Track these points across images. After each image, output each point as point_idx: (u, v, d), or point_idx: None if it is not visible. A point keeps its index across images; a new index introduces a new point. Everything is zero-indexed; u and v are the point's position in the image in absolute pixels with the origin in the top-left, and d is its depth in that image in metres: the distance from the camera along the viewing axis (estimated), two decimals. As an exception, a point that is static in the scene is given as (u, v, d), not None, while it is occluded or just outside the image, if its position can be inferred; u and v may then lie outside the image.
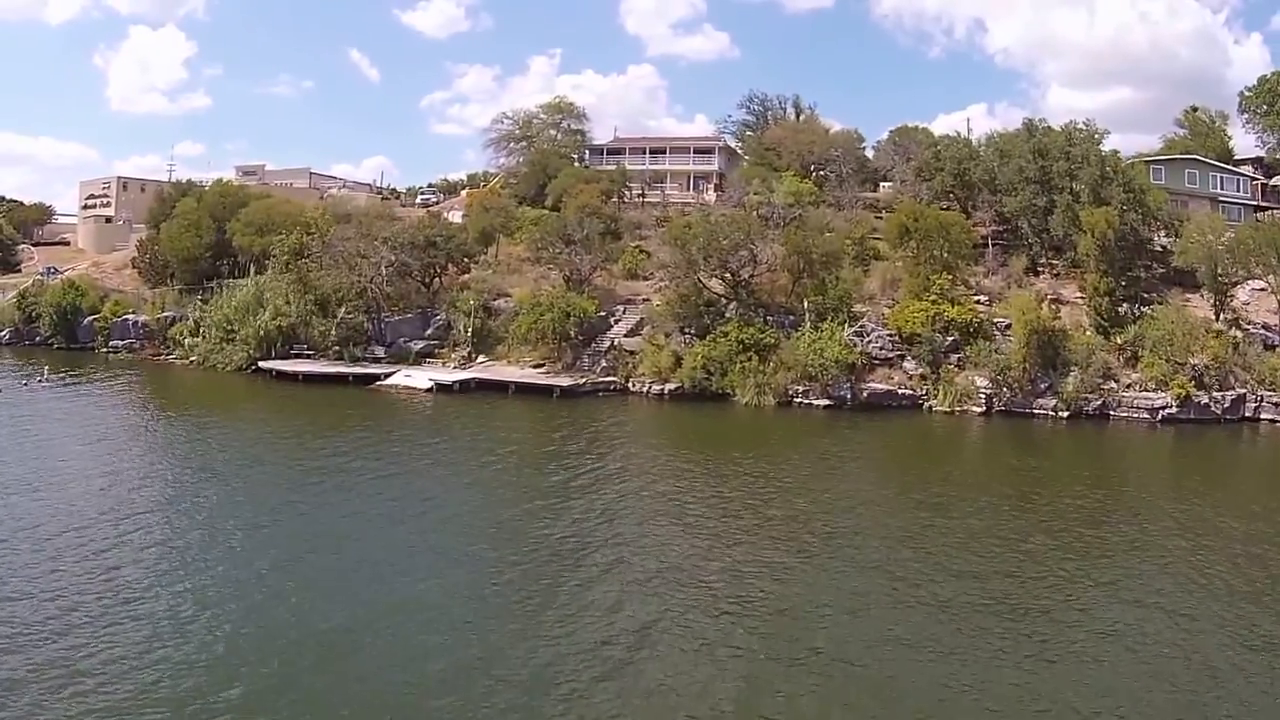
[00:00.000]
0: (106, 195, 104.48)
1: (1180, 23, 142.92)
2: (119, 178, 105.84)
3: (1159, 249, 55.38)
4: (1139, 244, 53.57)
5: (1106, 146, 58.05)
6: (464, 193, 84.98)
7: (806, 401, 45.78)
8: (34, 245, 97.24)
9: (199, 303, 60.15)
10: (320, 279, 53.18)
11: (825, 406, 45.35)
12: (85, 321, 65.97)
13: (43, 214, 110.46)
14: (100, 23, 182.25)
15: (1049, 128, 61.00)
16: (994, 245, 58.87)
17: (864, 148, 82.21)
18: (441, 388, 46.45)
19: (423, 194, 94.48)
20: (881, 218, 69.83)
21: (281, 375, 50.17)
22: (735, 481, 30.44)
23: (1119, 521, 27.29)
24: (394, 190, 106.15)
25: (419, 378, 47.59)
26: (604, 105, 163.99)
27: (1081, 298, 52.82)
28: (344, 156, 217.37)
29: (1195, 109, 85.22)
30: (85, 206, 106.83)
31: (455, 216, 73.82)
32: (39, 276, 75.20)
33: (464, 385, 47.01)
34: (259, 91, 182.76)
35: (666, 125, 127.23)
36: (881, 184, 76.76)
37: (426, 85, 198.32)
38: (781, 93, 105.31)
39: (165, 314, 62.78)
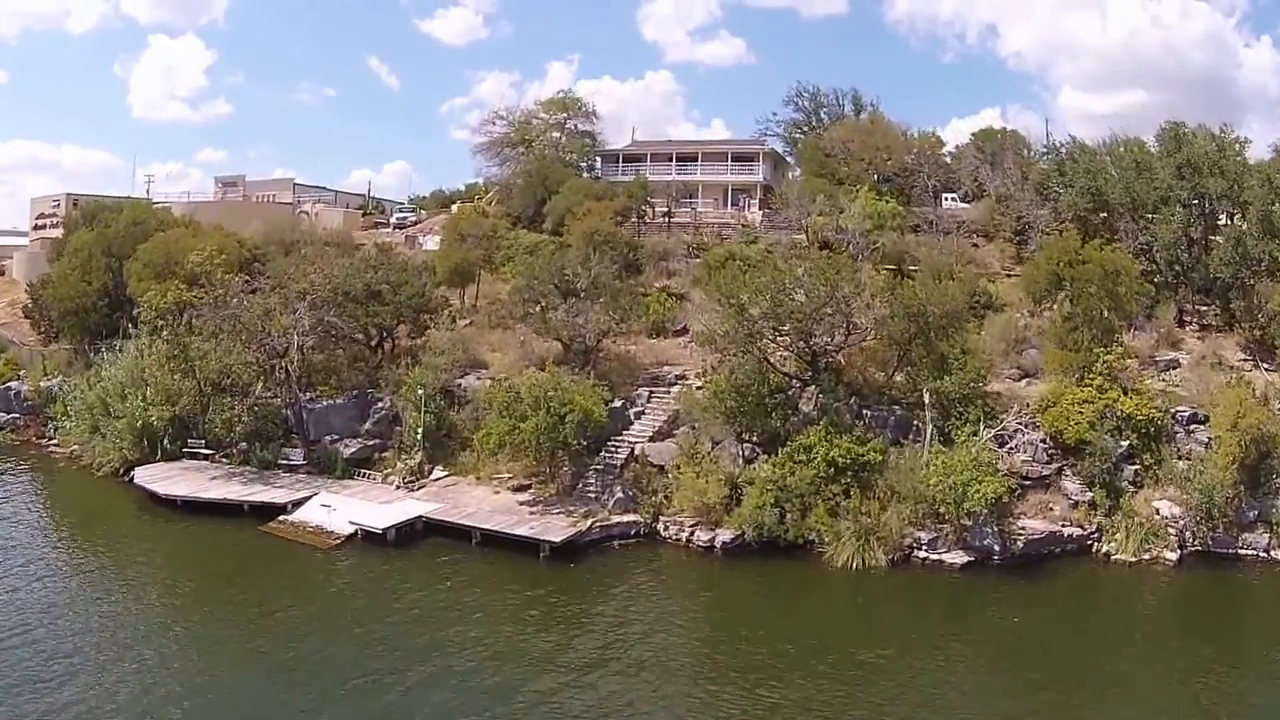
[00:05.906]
0: (57, 215, 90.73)
1: (1192, 25, 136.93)
2: (68, 194, 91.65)
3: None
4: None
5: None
6: (454, 208, 68.94)
7: (934, 556, 29.36)
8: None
9: (79, 373, 44.73)
10: (205, 356, 36.57)
11: (963, 565, 29.05)
12: (-29, 386, 51.79)
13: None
14: (120, 32, 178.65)
15: (1190, 133, 44.89)
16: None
17: (945, 154, 65.40)
18: (368, 535, 30.10)
19: (399, 211, 77.71)
20: (977, 245, 54.98)
21: (155, 498, 34.36)
22: None
23: None
24: (379, 205, 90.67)
25: (340, 512, 31.06)
26: (622, 111, 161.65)
27: (1247, 359, 39.02)
28: (366, 162, 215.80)
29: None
30: (36, 227, 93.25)
31: (432, 243, 58.37)
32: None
33: (403, 531, 30.47)
34: (281, 99, 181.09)
35: (685, 131, 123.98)
36: (943, 196, 59.13)
37: (446, 92, 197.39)
38: (838, 86, 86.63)
39: (49, 383, 47.76)
